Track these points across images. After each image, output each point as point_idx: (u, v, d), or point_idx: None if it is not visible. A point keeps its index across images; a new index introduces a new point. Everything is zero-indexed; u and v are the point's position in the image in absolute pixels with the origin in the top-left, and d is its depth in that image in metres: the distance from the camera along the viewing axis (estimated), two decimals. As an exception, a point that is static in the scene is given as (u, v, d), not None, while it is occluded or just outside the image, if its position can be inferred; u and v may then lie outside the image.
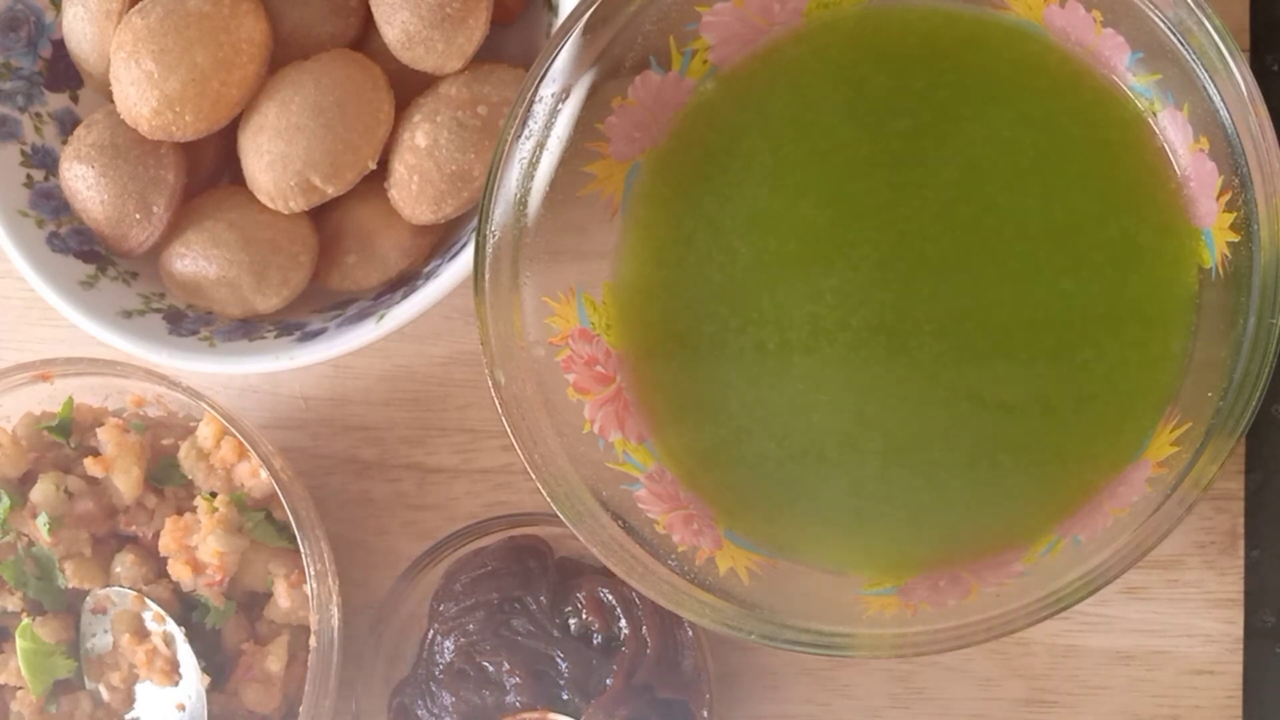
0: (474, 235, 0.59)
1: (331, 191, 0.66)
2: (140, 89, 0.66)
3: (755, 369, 0.61)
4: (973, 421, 0.60)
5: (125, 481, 0.68)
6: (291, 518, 0.65)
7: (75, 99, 0.72)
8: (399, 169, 0.67)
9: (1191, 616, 0.68)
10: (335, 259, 0.69)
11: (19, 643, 0.69)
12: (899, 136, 0.61)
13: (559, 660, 0.67)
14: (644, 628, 0.66)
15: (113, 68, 0.67)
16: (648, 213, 0.63)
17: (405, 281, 0.68)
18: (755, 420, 0.61)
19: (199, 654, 0.68)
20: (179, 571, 0.67)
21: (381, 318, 0.65)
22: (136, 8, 0.66)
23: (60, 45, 0.71)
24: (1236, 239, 0.56)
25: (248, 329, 0.69)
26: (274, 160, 0.66)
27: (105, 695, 0.70)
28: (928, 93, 0.61)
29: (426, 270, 0.68)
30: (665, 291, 0.63)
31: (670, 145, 0.63)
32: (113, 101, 0.68)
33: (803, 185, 0.62)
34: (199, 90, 0.65)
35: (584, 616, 0.67)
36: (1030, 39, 0.61)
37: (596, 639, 0.67)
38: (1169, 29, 0.56)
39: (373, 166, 0.66)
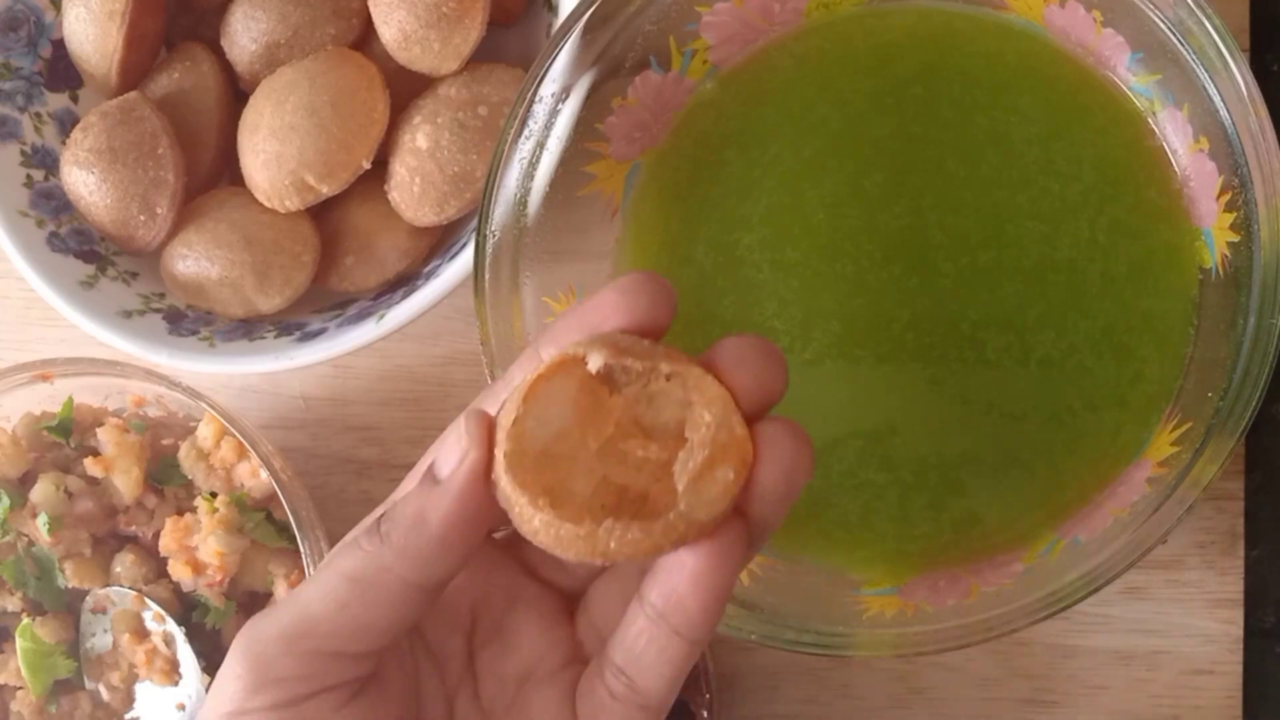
0: (474, 235, 0.59)
1: (326, 191, 0.66)
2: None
3: (755, 369, 0.61)
4: (972, 422, 0.60)
5: (125, 481, 0.68)
6: (291, 518, 0.65)
7: (75, 99, 0.72)
8: (400, 171, 0.66)
9: (1191, 616, 0.68)
10: (333, 260, 0.69)
11: (19, 643, 0.69)
12: (898, 137, 0.61)
13: (559, 660, 0.67)
14: (644, 628, 0.66)
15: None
16: (648, 213, 0.63)
17: (405, 281, 0.68)
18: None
19: (199, 654, 0.68)
20: (179, 571, 0.67)
21: (381, 318, 0.65)
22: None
23: (60, 45, 0.71)
24: (1236, 239, 0.56)
25: (248, 329, 0.69)
26: (268, 159, 0.66)
27: (105, 695, 0.70)
28: (927, 93, 0.61)
29: (426, 270, 0.68)
30: (665, 291, 0.63)
31: (670, 145, 0.63)
32: (112, 101, 0.68)
33: (803, 185, 0.62)
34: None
35: (584, 616, 0.67)
36: (1030, 39, 0.61)
37: (596, 639, 0.67)
38: (1169, 29, 0.56)
39: (367, 166, 0.66)
